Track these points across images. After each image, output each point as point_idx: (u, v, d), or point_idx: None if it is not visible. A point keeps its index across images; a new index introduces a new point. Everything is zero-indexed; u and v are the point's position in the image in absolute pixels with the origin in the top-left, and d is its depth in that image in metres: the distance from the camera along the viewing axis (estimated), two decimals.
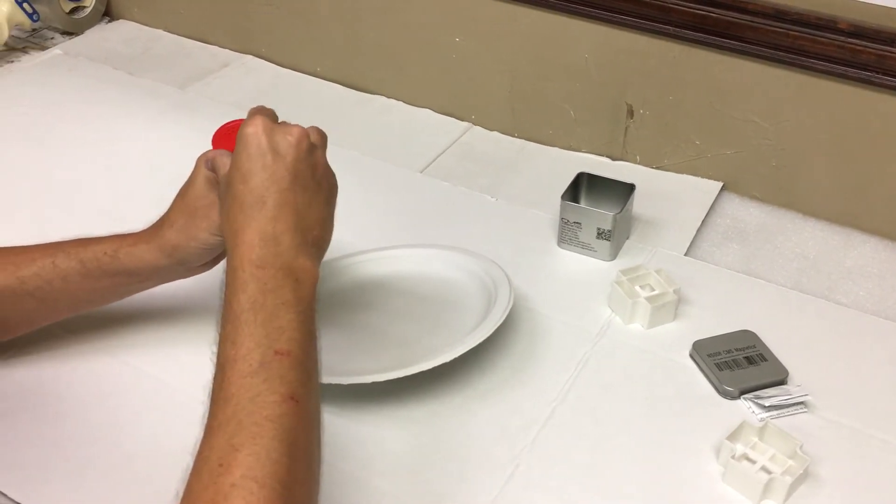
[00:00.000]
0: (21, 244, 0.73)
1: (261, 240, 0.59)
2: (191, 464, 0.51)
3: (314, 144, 0.65)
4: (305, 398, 0.54)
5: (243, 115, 0.69)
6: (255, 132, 0.62)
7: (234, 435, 0.50)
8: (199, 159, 0.68)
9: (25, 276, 0.70)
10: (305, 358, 0.56)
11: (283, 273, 0.58)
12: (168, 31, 1.37)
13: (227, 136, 0.68)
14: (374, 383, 0.71)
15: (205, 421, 0.53)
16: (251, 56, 1.30)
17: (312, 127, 0.67)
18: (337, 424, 0.73)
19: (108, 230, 0.77)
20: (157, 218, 0.72)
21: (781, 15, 0.89)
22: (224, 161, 0.65)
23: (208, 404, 0.54)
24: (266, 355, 0.54)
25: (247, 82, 1.24)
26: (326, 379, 0.71)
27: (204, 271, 0.75)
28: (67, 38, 1.36)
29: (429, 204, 1.00)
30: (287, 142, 0.62)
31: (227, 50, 1.32)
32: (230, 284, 0.58)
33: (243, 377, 0.53)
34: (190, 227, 0.69)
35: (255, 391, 0.52)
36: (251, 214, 0.60)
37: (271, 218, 0.60)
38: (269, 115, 0.65)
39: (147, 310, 0.83)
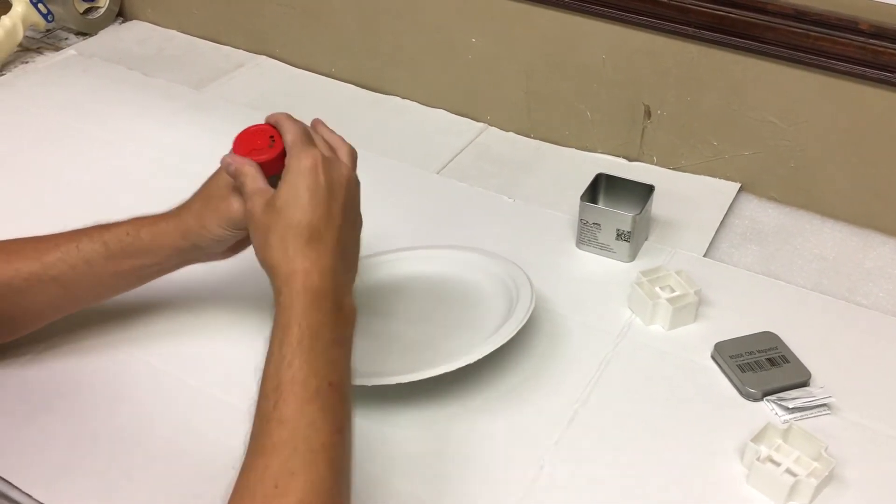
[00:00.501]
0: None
1: (320, 272, 0.60)
2: (235, 477, 0.52)
3: (357, 180, 0.67)
4: (349, 431, 0.57)
5: (259, 116, 0.70)
6: (315, 168, 0.63)
7: (290, 459, 0.52)
8: (222, 160, 0.68)
9: (49, 261, 0.71)
10: (349, 393, 0.58)
11: (337, 308, 0.60)
12: (181, 32, 1.37)
13: (249, 140, 0.68)
14: (397, 385, 0.70)
15: (250, 437, 0.54)
16: (265, 56, 1.30)
17: (345, 145, 0.68)
18: (359, 426, 0.73)
19: None
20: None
21: (801, 15, 0.89)
22: (251, 173, 0.65)
23: (257, 420, 0.55)
24: (322, 385, 0.56)
25: (261, 83, 1.24)
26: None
27: (224, 258, 0.75)
28: (81, 38, 1.36)
29: (446, 205, 1.00)
30: (339, 182, 0.64)
31: (240, 50, 1.32)
32: (288, 308, 0.59)
33: (301, 403, 0.54)
34: (203, 214, 0.70)
35: (311, 418, 0.54)
36: (311, 246, 0.61)
37: (329, 253, 0.61)
38: (307, 133, 0.66)
39: (167, 310, 0.83)
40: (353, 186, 0.66)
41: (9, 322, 0.74)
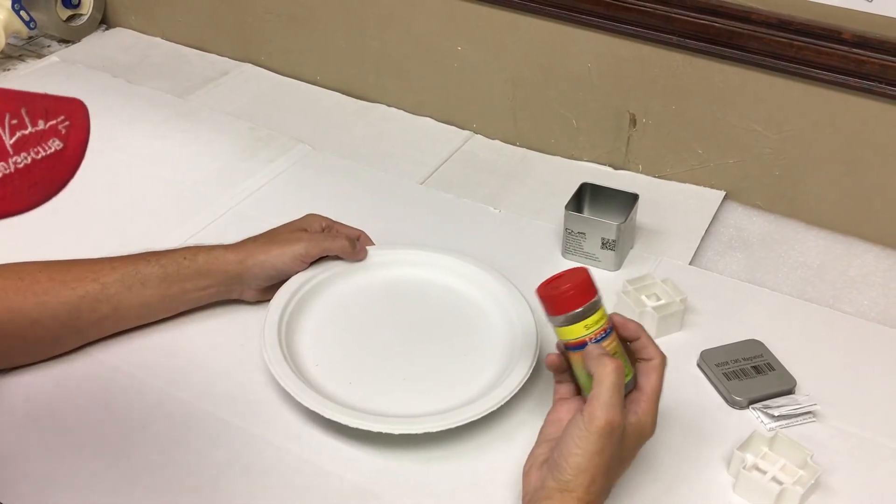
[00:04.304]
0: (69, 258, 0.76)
1: None
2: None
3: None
4: None
5: (244, 125, 0.69)
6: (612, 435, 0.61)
7: None
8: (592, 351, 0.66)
9: (107, 281, 0.74)
10: None
11: None
12: (166, 39, 1.36)
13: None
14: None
15: None
16: (250, 64, 1.30)
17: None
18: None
19: (108, 239, 0.77)
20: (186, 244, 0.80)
21: (785, 25, 0.89)
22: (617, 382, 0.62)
23: None
24: None
25: (246, 91, 1.24)
26: (370, 426, 0.70)
27: (252, 300, 0.82)
28: (64, 45, 1.35)
29: (431, 215, 1.00)
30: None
31: (225, 58, 1.31)
32: None
33: None
34: (269, 246, 0.79)
35: None
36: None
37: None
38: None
39: (152, 322, 0.82)
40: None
41: (56, 342, 0.76)
